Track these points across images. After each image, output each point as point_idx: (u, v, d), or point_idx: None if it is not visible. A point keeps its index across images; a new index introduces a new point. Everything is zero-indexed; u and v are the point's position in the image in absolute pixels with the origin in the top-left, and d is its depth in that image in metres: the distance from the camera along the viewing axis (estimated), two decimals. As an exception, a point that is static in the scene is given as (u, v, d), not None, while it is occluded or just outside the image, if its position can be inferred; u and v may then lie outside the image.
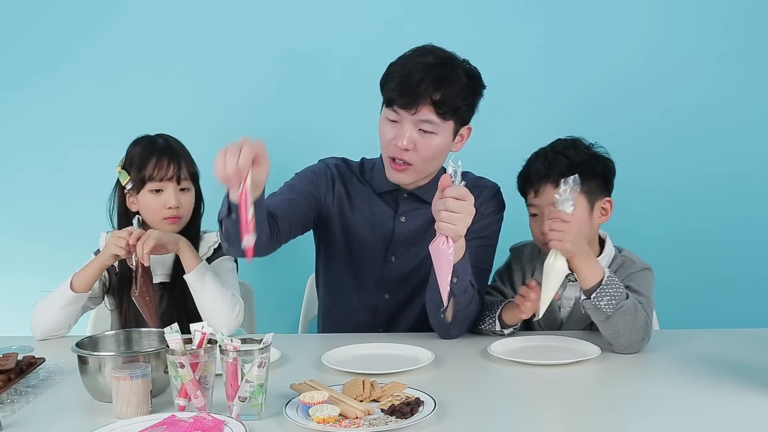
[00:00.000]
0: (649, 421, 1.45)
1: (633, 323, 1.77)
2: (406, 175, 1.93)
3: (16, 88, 2.74)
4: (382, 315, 2.08)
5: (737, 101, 2.62)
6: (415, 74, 1.83)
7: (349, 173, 2.08)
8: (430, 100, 1.83)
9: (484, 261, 2.01)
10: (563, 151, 1.96)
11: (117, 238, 1.94)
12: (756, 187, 2.65)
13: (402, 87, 1.84)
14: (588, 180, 1.91)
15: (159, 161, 2.05)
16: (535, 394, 1.62)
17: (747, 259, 2.67)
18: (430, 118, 1.85)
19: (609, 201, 1.98)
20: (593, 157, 1.97)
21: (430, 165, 1.93)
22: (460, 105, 1.86)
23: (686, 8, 2.60)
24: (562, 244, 1.76)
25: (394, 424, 1.37)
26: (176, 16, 2.69)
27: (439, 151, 1.90)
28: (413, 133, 1.86)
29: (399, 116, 1.87)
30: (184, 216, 2.09)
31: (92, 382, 1.54)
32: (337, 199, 2.05)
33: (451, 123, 1.88)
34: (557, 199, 1.77)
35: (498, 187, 2.07)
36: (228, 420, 1.37)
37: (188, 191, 2.09)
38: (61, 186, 2.75)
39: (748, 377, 1.61)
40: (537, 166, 1.98)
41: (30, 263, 2.75)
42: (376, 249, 2.04)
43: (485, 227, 2.00)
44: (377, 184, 2.04)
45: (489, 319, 1.96)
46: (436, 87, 1.82)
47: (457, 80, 1.85)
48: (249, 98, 2.70)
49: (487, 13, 2.65)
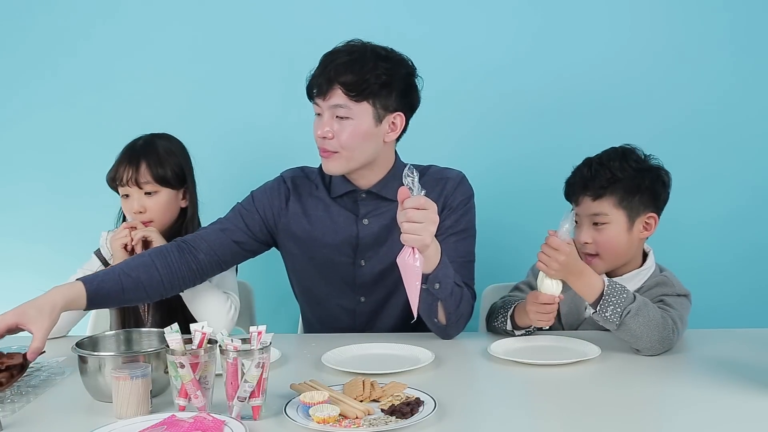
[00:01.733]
0: (649, 421, 1.45)
1: (647, 323, 1.75)
2: (332, 162, 1.93)
3: (17, 89, 2.75)
4: (361, 318, 2.08)
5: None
6: (327, 64, 1.90)
7: (307, 183, 2.07)
8: (338, 83, 1.87)
9: (465, 254, 2.00)
10: (608, 164, 1.93)
11: (118, 236, 2.01)
12: (755, 184, 2.66)
13: (315, 77, 1.92)
14: (630, 196, 1.91)
15: (120, 165, 2.06)
16: (535, 394, 1.62)
17: (747, 259, 2.67)
18: (342, 102, 1.88)
19: (653, 216, 1.95)
20: (640, 172, 1.93)
21: (356, 151, 1.92)
22: (370, 84, 1.87)
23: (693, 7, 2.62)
24: (547, 269, 1.78)
25: (394, 424, 1.37)
26: (177, 17, 2.69)
27: (358, 135, 1.90)
28: (331, 121, 1.90)
29: (320, 108, 1.92)
30: (156, 219, 2.06)
31: (92, 382, 1.54)
32: (293, 215, 2.04)
33: (366, 105, 1.89)
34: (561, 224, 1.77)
35: (462, 175, 2.06)
36: (228, 420, 1.37)
37: (156, 194, 2.06)
38: (61, 186, 2.76)
39: (748, 377, 1.61)
40: (580, 175, 1.97)
41: (30, 263, 2.76)
42: (344, 255, 2.02)
43: (457, 221, 2.00)
44: (335, 189, 2.03)
45: (501, 317, 1.96)
46: (344, 70, 1.87)
47: (365, 62, 1.88)
48: (250, 98, 2.70)
49: (488, 12, 2.66)
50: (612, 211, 1.92)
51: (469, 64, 2.67)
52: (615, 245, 1.94)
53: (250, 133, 2.74)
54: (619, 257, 1.96)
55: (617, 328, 1.77)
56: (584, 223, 1.95)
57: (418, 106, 2.00)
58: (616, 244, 1.94)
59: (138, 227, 2.02)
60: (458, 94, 2.68)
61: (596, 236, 1.93)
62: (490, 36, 2.66)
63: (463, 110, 2.69)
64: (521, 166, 2.68)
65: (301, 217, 2.04)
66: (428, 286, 1.79)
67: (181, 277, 1.90)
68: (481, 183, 2.12)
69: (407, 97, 1.95)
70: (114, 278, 1.80)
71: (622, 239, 1.93)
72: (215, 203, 2.17)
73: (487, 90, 2.67)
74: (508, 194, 2.66)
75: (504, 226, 2.64)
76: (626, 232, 1.94)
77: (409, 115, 1.98)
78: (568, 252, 1.76)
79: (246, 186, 2.12)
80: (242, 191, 2.70)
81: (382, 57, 1.91)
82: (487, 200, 2.37)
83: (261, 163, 2.70)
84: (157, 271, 1.86)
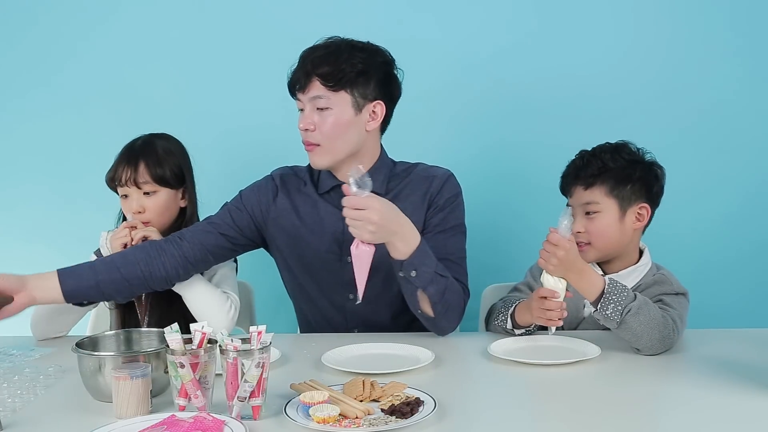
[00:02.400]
0: (648, 420, 1.45)
1: (648, 322, 1.76)
2: (317, 155, 1.97)
3: (16, 88, 2.74)
4: (353, 316, 2.08)
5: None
6: (305, 59, 1.96)
7: (296, 180, 2.10)
8: (315, 75, 1.92)
9: (455, 250, 2.02)
10: (599, 155, 1.98)
11: (118, 236, 2.00)
12: (754, 183, 2.66)
13: (294, 72, 1.97)
14: (621, 185, 1.95)
15: (119, 166, 2.05)
16: (535, 394, 1.62)
17: (746, 258, 2.67)
18: (320, 93, 1.93)
19: (645, 207, 1.98)
20: (632, 163, 1.97)
21: (337, 142, 1.96)
22: (346, 73, 1.91)
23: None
24: (546, 265, 1.80)
25: (394, 424, 1.37)
26: (178, 16, 2.70)
27: (339, 126, 1.94)
28: (312, 114, 1.94)
29: (301, 102, 1.97)
30: (154, 219, 2.06)
31: (92, 382, 1.54)
32: (282, 210, 2.06)
33: (344, 94, 1.93)
34: (560, 221, 1.79)
35: (449, 173, 2.08)
36: (228, 420, 1.37)
37: (154, 194, 2.06)
38: (60, 187, 2.76)
39: (747, 377, 1.61)
40: (573, 166, 2.01)
41: (29, 264, 2.75)
42: (331, 252, 2.03)
43: (444, 219, 2.02)
44: (322, 184, 2.06)
45: (502, 315, 1.96)
46: (321, 62, 1.93)
47: (341, 53, 1.94)
48: (249, 98, 2.70)
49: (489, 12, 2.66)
50: (603, 199, 1.95)
51: (467, 62, 2.67)
52: (607, 234, 1.96)
53: (249, 133, 2.74)
54: (611, 246, 1.98)
55: (618, 326, 1.77)
56: (577, 213, 1.98)
57: (399, 97, 2.03)
58: (607, 233, 1.96)
59: (138, 227, 2.02)
60: (459, 95, 2.68)
61: (588, 225, 1.96)
62: (484, 34, 2.66)
63: (464, 110, 2.69)
64: (522, 167, 2.68)
65: (290, 212, 2.06)
66: (404, 274, 1.84)
67: (165, 268, 1.92)
68: (481, 183, 2.12)
69: (386, 86, 1.98)
70: (88, 267, 1.89)
71: (614, 228, 1.96)
72: (214, 203, 2.17)
73: (486, 89, 2.68)
74: (509, 194, 2.67)
75: (504, 226, 2.64)
76: (618, 221, 1.96)
77: (389, 106, 2.01)
78: (568, 248, 1.77)
79: (245, 185, 2.12)
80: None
81: (358, 48, 1.96)
82: (485, 200, 2.38)
83: (261, 163, 2.69)
84: (138, 263, 1.90)
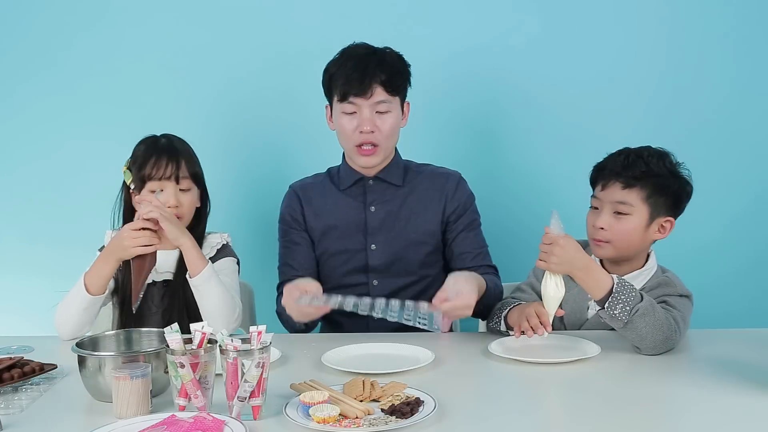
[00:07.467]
0: (649, 420, 1.45)
1: (653, 324, 1.75)
2: (375, 157, 2.11)
3: (16, 86, 2.74)
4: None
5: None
6: (359, 65, 2.06)
7: (314, 184, 2.24)
8: (380, 81, 2.05)
9: (483, 244, 2.20)
10: (646, 158, 1.95)
11: (131, 231, 1.92)
12: (758, 186, 2.66)
13: (352, 78, 2.05)
14: (657, 194, 1.94)
15: (158, 161, 2.04)
16: (535, 393, 1.62)
17: (750, 260, 2.67)
18: (383, 98, 2.07)
19: (670, 221, 1.97)
20: (672, 175, 1.96)
21: (391, 142, 2.13)
22: (402, 81, 2.11)
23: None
24: (545, 264, 1.78)
25: (394, 424, 1.37)
26: (178, 14, 2.69)
27: (396, 127, 2.12)
28: (372, 116, 2.06)
29: (356, 106, 2.07)
30: (184, 216, 2.07)
31: (92, 382, 1.54)
32: (312, 212, 2.20)
33: (398, 99, 2.11)
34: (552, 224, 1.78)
35: (459, 174, 2.22)
36: (228, 420, 1.37)
37: (189, 191, 2.08)
38: (61, 186, 2.76)
39: (749, 377, 1.61)
40: (615, 162, 1.98)
41: (29, 264, 2.76)
42: (356, 240, 2.17)
43: (469, 219, 2.18)
44: (343, 181, 2.19)
45: (496, 317, 1.97)
46: (381, 69, 2.06)
47: (392, 61, 2.11)
48: (252, 98, 2.70)
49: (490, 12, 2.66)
50: (638, 203, 1.93)
51: (470, 64, 2.67)
52: (629, 237, 1.94)
53: (248, 134, 2.73)
54: (629, 250, 1.97)
55: (624, 326, 1.76)
56: (605, 209, 1.95)
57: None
58: (630, 237, 1.94)
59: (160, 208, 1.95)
60: (459, 96, 2.68)
61: (614, 224, 1.94)
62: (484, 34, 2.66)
63: (464, 111, 2.69)
64: (524, 167, 2.67)
65: (318, 211, 2.20)
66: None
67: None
68: (483, 183, 2.12)
69: (408, 87, 2.16)
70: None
71: (638, 234, 1.95)
72: (213, 203, 2.17)
73: (487, 90, 2.67)
74: (509, 195, 2.66)
75: (507, 227, 2.64)
76: (644, 228, 1.95)
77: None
78: (563, 244, 1.75)
79: (246, 188, 2.13)
80: (242, 192, 2.71)
81: (396, 55, 2.12)
82: (489, 200, 2.38)
83: (260, 163, 2.71)
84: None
